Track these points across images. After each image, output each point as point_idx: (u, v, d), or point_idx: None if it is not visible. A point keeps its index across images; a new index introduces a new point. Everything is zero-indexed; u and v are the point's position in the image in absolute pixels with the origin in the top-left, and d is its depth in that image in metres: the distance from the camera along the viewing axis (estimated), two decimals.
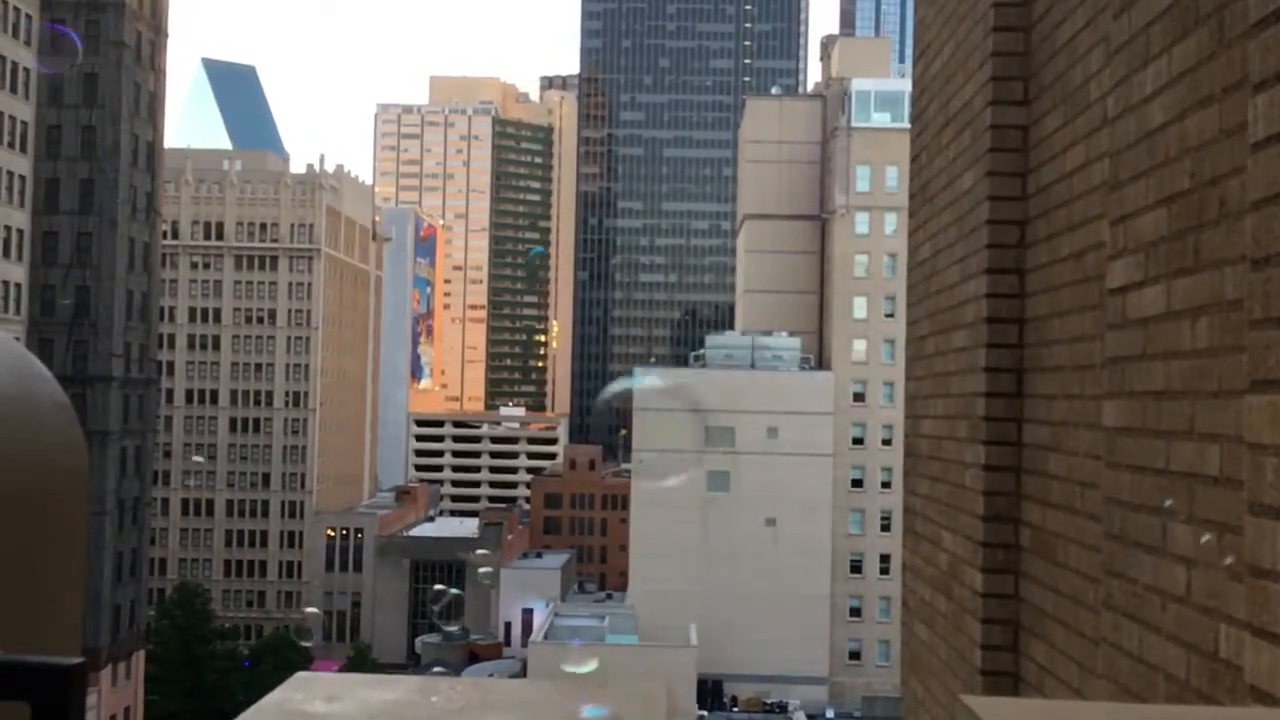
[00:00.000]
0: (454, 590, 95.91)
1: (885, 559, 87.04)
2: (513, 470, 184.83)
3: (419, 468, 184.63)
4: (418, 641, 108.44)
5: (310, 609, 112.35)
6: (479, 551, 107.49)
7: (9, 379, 1.34)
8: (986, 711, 1.42)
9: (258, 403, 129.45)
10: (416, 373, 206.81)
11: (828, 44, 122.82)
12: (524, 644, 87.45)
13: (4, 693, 0.92)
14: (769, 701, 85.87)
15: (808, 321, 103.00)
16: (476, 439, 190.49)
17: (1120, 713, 1.92)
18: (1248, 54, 2.33)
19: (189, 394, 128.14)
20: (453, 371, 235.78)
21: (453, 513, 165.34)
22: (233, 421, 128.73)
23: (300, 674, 1.46)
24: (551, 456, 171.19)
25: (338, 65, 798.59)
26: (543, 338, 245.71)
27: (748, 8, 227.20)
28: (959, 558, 5.32)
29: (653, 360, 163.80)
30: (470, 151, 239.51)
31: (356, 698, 1.37)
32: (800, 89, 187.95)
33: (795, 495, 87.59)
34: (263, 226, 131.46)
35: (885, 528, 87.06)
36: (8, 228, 72.84)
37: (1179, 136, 2.94)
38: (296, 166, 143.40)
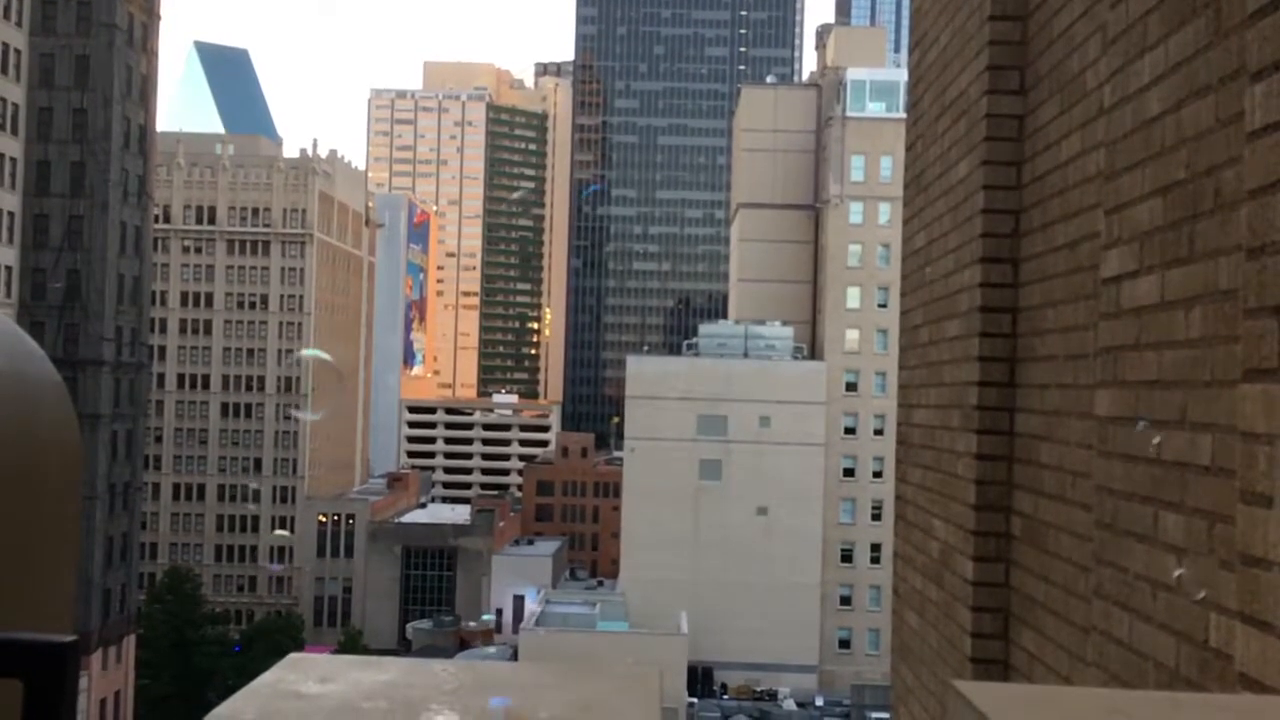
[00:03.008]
0: None
1: (876, 548, 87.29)
2: (505, 457, 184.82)
3: (411, 454, 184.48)
4: (409, 627, 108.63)
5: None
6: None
7: (2, 356, 1.33)
8: (978, 696, 1.42)
9: (249, 388, 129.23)
10: (409, 359, 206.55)
11: (823, 33, 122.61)
12: (515, 631, 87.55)
13: None
14: (759, 689, 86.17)
15: (801, 311, 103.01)
16: (469, 426, 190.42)
17: (1109, 698, 1.93)
18: (1245, 43, 2.33)
19: (180, 378, 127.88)
20: (445, 358, 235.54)
21: (445, 499, 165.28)
22: (224, 406, 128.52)
23: (293, 655, 1.46)
24: (544, 444, 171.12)
25: (331, 49, 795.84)
26: (536, 325, 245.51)
27: None
28: (950, 546, 5.33)
29: (646, 349, 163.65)
30: (464, 138, 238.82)
31: (349, 679, 1.36)
32: (795, 78, 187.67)
33: (787, 484, 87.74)
34: (255, 211, 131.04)
35: (876, 517, 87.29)
36: None
37: (1175, 126, 2.94)
38: (289, 151, 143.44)
